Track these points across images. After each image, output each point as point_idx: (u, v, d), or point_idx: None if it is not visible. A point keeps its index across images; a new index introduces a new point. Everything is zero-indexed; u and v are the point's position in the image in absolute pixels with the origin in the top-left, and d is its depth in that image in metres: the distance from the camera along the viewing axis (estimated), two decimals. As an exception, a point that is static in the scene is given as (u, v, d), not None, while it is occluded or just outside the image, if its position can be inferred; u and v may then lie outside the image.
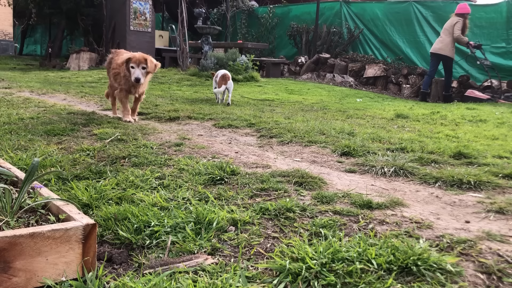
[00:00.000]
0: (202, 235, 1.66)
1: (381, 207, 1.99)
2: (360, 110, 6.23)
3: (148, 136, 3.46)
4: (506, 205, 2.04)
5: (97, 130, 3.59)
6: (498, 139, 4.10)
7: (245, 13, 15.83)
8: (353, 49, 13.14)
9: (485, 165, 2.87)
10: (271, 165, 2.74)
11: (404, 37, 12.07)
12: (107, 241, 1.67)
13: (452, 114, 5.97)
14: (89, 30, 16.01)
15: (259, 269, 1.43)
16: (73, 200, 1.94)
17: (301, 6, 15.08)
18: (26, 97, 6.06)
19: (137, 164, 2.64)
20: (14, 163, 2.47)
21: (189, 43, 11.97)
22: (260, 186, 2.24)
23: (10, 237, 1.22)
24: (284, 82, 10.83)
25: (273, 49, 14.91)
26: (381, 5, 12.73)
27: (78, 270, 1.33)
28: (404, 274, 1.37)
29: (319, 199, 2.08)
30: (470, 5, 10.83)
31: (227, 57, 10.36)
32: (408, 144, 3.40)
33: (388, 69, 11.68)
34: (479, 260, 1.48)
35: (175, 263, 1.46)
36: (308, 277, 1.34)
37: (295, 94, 8.29)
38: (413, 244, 1.51)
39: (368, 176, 2.64)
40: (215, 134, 3.88)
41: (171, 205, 1.93)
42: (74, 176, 2.36)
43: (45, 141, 3.21)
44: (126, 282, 1.31)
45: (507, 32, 10.29)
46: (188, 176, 2.40)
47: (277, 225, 1.79)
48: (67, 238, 1.31)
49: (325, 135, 3.76)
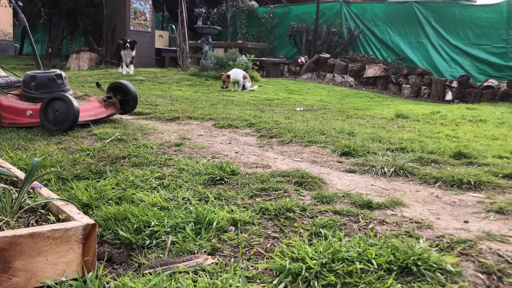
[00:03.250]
0: (202, 235, 1.66)
1: (381, 207, 1.99)
2: (360, 110, 6.24)
3: (148, 136, 3.46)
4: (506, 205, 2.03)
5: (97, 130, 3.59)
6: (498, 139, 4.10)
7: (245, 13, 15.83)
8: (353, 49, 13.14)
9: (485, 165, 2.87)
10: (271, 165, 2.74)
11: (405, 37, 12.07)
12: (107, 241, 1.67)
13: (452, 114, 5.97)
14: (89, 30, 16.02)
15: (259, 269, 1.43)
16: (73, 200, 1.94)
17: (301, 6, 15.08)
18: (26, 97, 6.06)
19: (137, 164, 2.64)
20: (14, 163, 2.47)
21: (189, 43, 11.97)
22: (260, 186, 2.24)
23: (10, 237, 1.22)
24: (284, 82, 10.83)
25: (273, 49, 14.91)
26: (381, 5, 12.73)
27: (78, 270, 1.33)
28: (404, 274, 1.37)
29: (319, 199, 2.08)
30: (470, 5, 10.84)
31: (227, 57, 10.36)
32: (408, 144, 3.40)
33: (388, 69, 11.68)
34: (479, 260, 1.48)
35: (175, 263, 1.46)
36: (308, 277, 1.34)
37: (295, 94, 8.29)
38: (413, 244, 1.51)
39: (368, 176, 2.64)
40: (215, 134, 3.88)
41: (171, 205, 1.93)
42: (74, 176, 2.36)
43: (45, 141, 3.22)
44: (126, 282, 1.31)
45: (507, 32, 10.29)
46: (188, 176, 2.40)
47: (277, 225, 1.79)
48: (67, 238, 1.31)
49: (325, 135, 3.76)
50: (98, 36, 15.29)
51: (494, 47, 10.50)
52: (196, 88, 8.30)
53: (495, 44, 10.49)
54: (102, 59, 13.91)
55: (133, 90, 4.20)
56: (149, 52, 14.08)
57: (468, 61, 10.93)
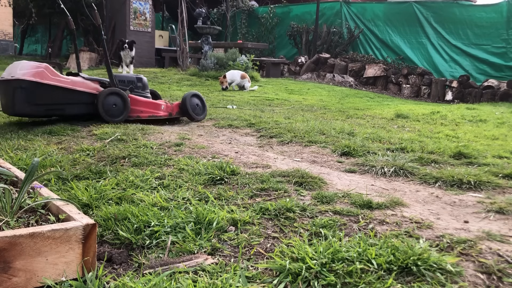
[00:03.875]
0: (202, 235, 1.66)
1: (381, 207, 1.99)
2: (360, 110, 6.24)
3: (148, 136, 3.46)
4: (506, 205, 2.03)
5: (97, 130, 3.59)
6: (498, 139, 4.10)
7: (245, 13, 15.83)
8: (353, 49, 13.14)
9: (485, 165, 2.87)
10: (271, 165, 2.74)
11: (405, 37, 12.07)
12: (107, 241, 1.67)
13: (452, 114, 5.97)
14: (89, 30, 16.01)
15: (259, 269, 1.43)
16: (73, 200, 1.94)
17: (301, 6, 15.09)
18: (26, 97, 6.06)
19: (137, 164, 2.64)
20: (14, 163, 2.47)
21: (189, 43, 11.97)
22: (260, 186, 2.24)
23: (10, 237, 1.22)
24: (284, 82, 10.84)
25: (273, 49, 14.92)
26: (382, 5, 12.74)
27: (78, 270, 1.33)
28: (404, 274, 1.37)
29: (319, 199, 2.08)
30: (470, 5, 10.84)
31: (227, 57, 10.36)
32: (408, 144, 3.40)
33: (388, 69, 11.68)
34: (479, 260, 1.48)
35: (175, 263, 1.46)
36: (308, 277, 1.34)
37: (295, 94, 8.29)
38: (413, 244, 1.51)
39: (368, 176, 2.64)
40: (215, 134, 3.88)
41: (171, 205, 1.93)
42: (74, 176, 2.36)
43: (45, 141, 3.22)
44: (126, 282, 1.31)
45: (507, 32, 10.29)
46: (188, 176, 2.40)
47: (277, 225, 1.79)
48: (67, 238, 1.31)
49: (325, 135, 3.76)
50: (98, 36, 15.27)
51: (494, 47, 10.50)
52: (196, 88, 8.30)
53: (495, 44, 10.49)
54: (102, 59, 13.90)
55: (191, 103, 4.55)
56: (149, 52, 14.08)
57: (468, 61, 10.93)
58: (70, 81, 3.77)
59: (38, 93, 3.58)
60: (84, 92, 3.84)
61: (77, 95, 3.80)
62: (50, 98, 3.66)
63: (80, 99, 3.84)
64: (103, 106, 3.85)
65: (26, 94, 3.53)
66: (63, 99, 3.73)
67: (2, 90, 3.71)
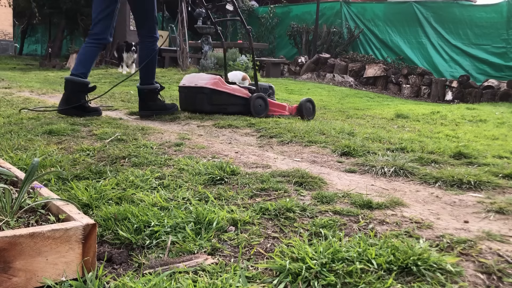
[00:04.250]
0: (202, 235, 1.66)
1: (381, 207, 1.99)
2: (360, 110, 6.24)
3: (148, 136, 3.46)
4: (506, 205, 2.03)
5: (97, 130, 3.59)
6: (498, 139, 4.10)
7: (245, 13, 15.82)
8: (353, 49, 13.15)
9: (485, 165, 2.87)
10: (271, 165, 2.74)
11: (405, 37, 12.08)
12: (107, 241, 1.67)
13: (452, 114, 5.97)
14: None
15: (259, 269, 1.43)
16: (73, 200, 1.94)
17: (301, 6, 15.10)
18: (26, 97, 6.06)
19: (137, 164, 2.64)
20: (14, 163, 2.47)
21: (189, 43, 11.97)
22: (260, 186, 2.24)
23: (10, 237, 1.22)
24: (284, 82, 10.83)
25: (273, 49, 14.92)
26: (382, 5, 12.74)
27: (78, 270, 1.33)
28: (404, 274, 1.37)
29: (319, 199, 2.08)
30: (470, 5, 10.84)
31: (227, 57, 10.36)
32: (408, 144, 3.40)
33: (388, 69, 11.68)
34: (479, 260, 1.48)
35: (175, 263, 1.46)
36: (308, 277, 1.34)
37: (295, 94, 8.29)
38: (413, 244, 1.51)
39: (368, 176, 2.64)
40: (215, 134, 3.88)
41: (171, 205, 1.93)
42: (74, 176, 2.36)
43: (45, 141, 3.22)
44: (126, 282, 1.31)
45: (507, 32, 10.29)
46: (188, 176, 2.40)
47: (277, 225, 1.79)
48: (67, 238, 1.31)
49: (325, 135, 3.76)
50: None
51: (494, 47, 10.50)
52: (196, 88, 8.28)
53: (495, 44, 10.49)
54: (102, 59, 13.89)
55: None
56: (149, 52, 14.06)
57: (468, 61, 10.93)
58: (231, 88, 4.90)
59: (214, 97, 4.79)
60: (240, 96, 4.95)
61: (235, 98, 4.93)
62: (221, 100, 4.84)
63: (238, 101, 4.94)
64: (253, 106, 4.91)
65: (207, 97, 4.78)
66: (227, 101, 4.87)
67: (185, 94, 4.98)
